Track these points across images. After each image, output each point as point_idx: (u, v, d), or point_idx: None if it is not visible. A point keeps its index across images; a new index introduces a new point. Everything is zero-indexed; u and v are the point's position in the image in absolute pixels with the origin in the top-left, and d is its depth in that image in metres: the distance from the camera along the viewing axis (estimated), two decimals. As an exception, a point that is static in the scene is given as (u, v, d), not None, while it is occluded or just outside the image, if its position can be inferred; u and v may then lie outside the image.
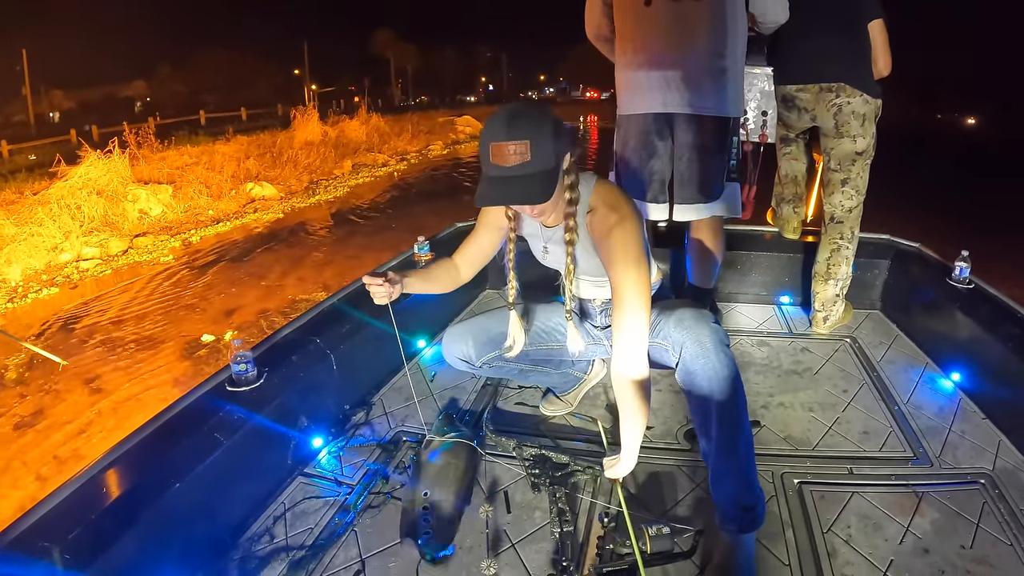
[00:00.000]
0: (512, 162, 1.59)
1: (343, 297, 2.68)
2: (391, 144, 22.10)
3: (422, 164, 20.85)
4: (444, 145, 25.06)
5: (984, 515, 1.77)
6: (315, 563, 1.72)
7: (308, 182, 15.91)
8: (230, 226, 12.06)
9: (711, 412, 1.63)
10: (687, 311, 1.71)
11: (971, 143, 19.09)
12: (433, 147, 24.15)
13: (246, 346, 2.09)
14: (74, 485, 1.62)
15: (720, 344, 1.64)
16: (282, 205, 13.71)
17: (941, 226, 8.31)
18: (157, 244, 10.60)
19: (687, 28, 2.47)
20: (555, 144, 1.61)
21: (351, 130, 21.69)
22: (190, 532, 1.72)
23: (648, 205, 2.71)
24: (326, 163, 17.68)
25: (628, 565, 1.59)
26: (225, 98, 34.30)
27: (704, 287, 2.88)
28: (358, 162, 18.95)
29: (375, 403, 2.49)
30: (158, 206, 12.03)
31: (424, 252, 3.14)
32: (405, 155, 21.63)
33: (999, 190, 14.89)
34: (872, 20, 2.72)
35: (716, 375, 1.61)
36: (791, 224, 3.35)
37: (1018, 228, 10.19)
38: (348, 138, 20.90)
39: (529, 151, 1.58)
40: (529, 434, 2.24)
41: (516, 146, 1.57)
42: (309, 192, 15.17)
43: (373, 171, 18.51)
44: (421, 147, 23.48)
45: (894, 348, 2.83)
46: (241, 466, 1.89)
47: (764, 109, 2.98)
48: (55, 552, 1.39)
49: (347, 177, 17.25)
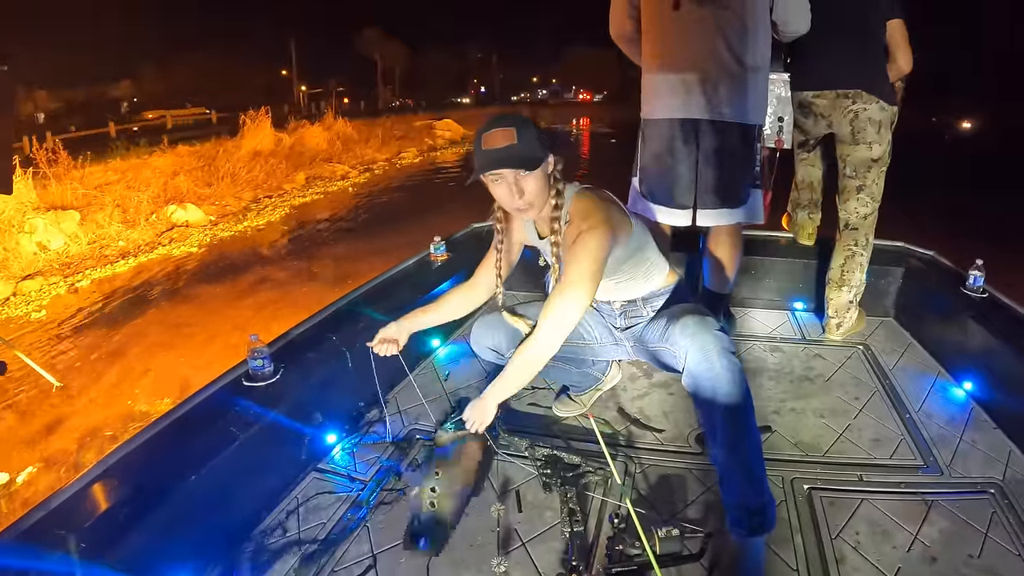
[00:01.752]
0: (500, 143, 1.75)
1: (360, 294, 2.71)
2: (357, 152, 20.11)
3: (388, 175, 18.50)
4: (419, 152, 22.73)
5: (993, 525, 1.77)
6: (327, 557, 1.74)
7: (250, 200, 13.79)
8: (132, 264, 9.67)
9: (717, 417, 1.66)
10: (691, 318, 1.76)
11: (969, 147, 18.55)
12: (406, 154, 21.86)
13: (263, 342, 2.12)
14: (91, 475, 1.65)
15: (724, 351, 1.67)
16: (203, 235, 11.27)
17: (959, 237, 7.41)
18: (45, 289, 8.41)
19: (715, 35, 2.46)
20: (540, 140, 1.79)
21: (311, 137, 19.56)
22: (205, 524, 1.75)
23: (671, 210, 2.71)
24: (274, 176, 15.45)
25: (637, 566, 1.61)
26: (210, 99, 33.32)
27: (720, 292, 2.88)
28: (313, 174, 16.75)
29: (389, 401, 2.51)
30: (59, 237, 9.88)
31: (440, 252, 3.16)
32: (371, 165, 19.55)
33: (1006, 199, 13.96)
34: (891, 19, 2.71)
35: (720, 381, 1.64)
36: (806, 230, 3.35)
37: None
38: (307, 146, 18.83)
39: (515, 136, 1.74)
40: (542, 434, 2.26)
41: (503, 131, 1.75)
42: (242, 215, 12.76)
43: (329, 185, 16.29)
44: (392, 155, 21.34)
45: (907, 356, 2.82)
46: (256, 460, 1.92)
47: (780, 115, 2.98)
48: (72, 541, 1.41)
49: (295, 194, 14.92)
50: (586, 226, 1.79)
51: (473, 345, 2.32)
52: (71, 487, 1.61)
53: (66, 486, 1.61)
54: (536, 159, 1.77)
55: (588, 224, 1.79)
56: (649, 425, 2.32)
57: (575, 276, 1.76)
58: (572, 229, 1.84)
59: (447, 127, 27.28)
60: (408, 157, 21.49)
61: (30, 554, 1.40)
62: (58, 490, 1.60)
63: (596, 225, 1.78)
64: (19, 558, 1.39)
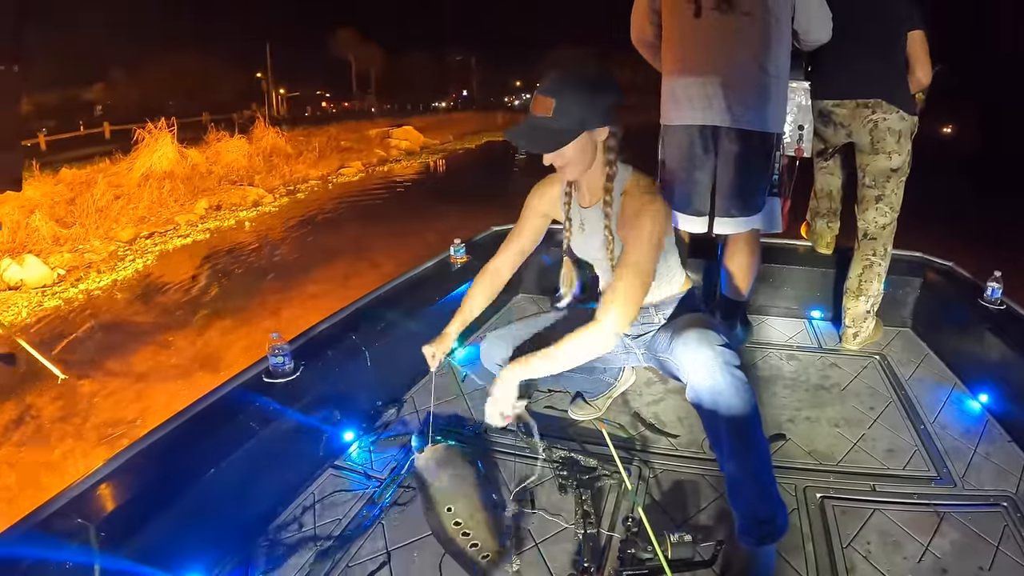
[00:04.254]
0: (538, 112, 1.75)
1: (380, 295, 2.74)
2: (286, 169, 16.49)
3: (314, 198, 14.72)
4: (364, 166, 19.01)
5: (1005, 538, 1.77)
6: (342, 553, 1.77)
7: (128, 240, 10.32)
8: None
9: (720, 429, 1.66)
10: (693, 332, 1.73)
11: (952, 153, 18.05)
12: (347, 170, 18.20)
13: (283, 339, 2.15)
14: (110, 467, 1.68)
15: (724, 364, 1.65)
16: (32, 302, 7.74)
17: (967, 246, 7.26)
18: None
19: (736, 42, 2.47)
20: (583, 111, 1.74)
21: (229, 152, 16.05)
22: (222, 517, 1.79)
23: (689, 217, 2.72)
24: (167, 206, 12.08)
25: (649, 570, 1.62)
26: (184, 103, 32.08)
27: (737, 299, 2.88)
28: (219, 201, 12.96)
29: (406, 400, 2.54)
30: None
31: (460, 255, 3.18)
32: (299, 185, 15.86)
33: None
34: (912, 30, 2.71)
35: (722, 396, 1.64)
36: (825, 239, 3.35)
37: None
38: (223, 163, 15.44)
39: (552, 109, 1.72)
40: (558, 437, 2.28)
41: (544, 100, 1.73)
42: (104, 265, 9.20)
43: (232, 214, 12.58)
44: (330, 170, 17.80)
45: (923, 367, 2.82)
46: (274, 456, 1.95)
47: (800, 123, 2.98)
48: (90, 531, 1.44)
49: (185, 230, 11.27)
50: (651, 202, 1.78)
51: (483, 359, 2.30)
52: (90, 478, 1.64)
53: (85, 477, 1.64)
54: (564, 138, 1.75)
55: (655, 202, 1.78)
56: (664, 430, 2.33)
57: (641, 254, 1.74)
58: (632, 202, 1.82)
59: (405, 135, 23.99)
60: (348, 173, 18.00)
61: (48, 544, 1.43)
62: (77, 481, 1.63)
63: (663, 206, 1.79)
64: (37, 547, 1.42)
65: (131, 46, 34.83)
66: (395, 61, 54.19)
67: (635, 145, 1.98)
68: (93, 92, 36.59)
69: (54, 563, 1.39)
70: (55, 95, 29.54)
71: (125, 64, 36.01)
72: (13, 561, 1.36)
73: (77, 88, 34.19)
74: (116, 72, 36.25)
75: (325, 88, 52.20)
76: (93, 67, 34.66)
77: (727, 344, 1.71)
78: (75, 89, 33.76)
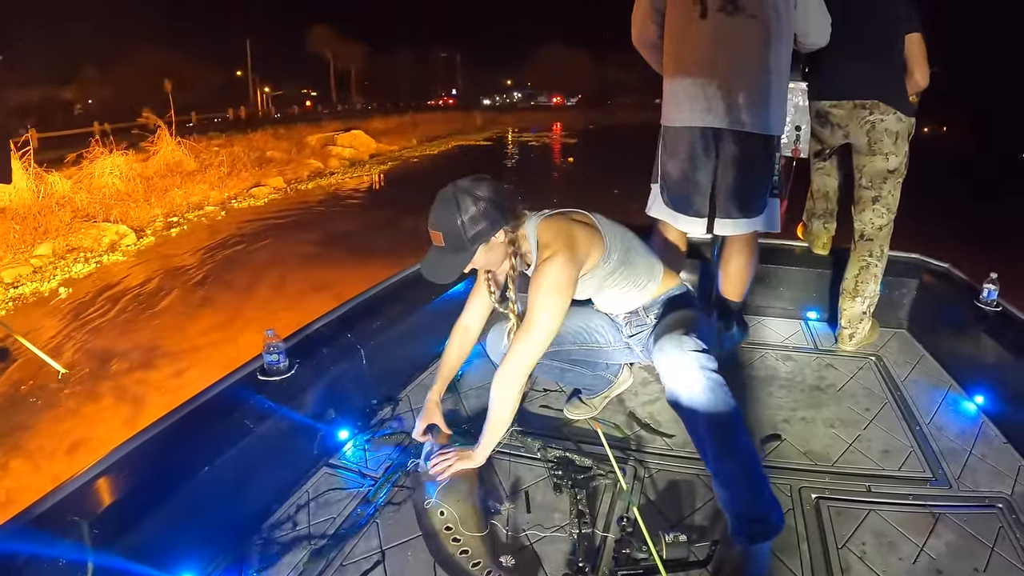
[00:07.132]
0: (435, 243, 1.86)
1: (376, 293, 2.73)
2: (179, 192, 12.87)
3: (188, 238, 10.73)
4: (285, 183, 15.60)
5: (1000, 540, 1.77)
6: (336, 552, 1.76)
7: None
8: None
9: (702, 433, 1.68)
10: (666, 338, 1.78)
11: (947, 154, 18.05)
12: (260, 189, 14.52)
13: (279, 336, 2.14)
14: (105, 464, 1.67)
15: (700, 369, 1.68)
16: None
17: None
18: None
19: (740, 44, 2.46)
20: (469, 232, 1.81)
21: (104, 173, 12.59)
22: (216, 515, 1.78)
23: (688, 218, 2.71)
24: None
25: (644, 570, 1.62)
26: (163, 101, 30.79)
27: (734, 300, 2.87)
28: (67, 246, 9.44)
29: (402, 399, 2.54)
30: None
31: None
32: (187, 214, 12.24)
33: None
34: (909, 33, 2.71)
35: (697, 400, 1.66)
36: (821, 240, 3.35)
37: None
38: (94, 187, 12.10)
39: (442, 240, 1.83)
40: (553, 436, 2.27)
41: (433, 233, 1.84)
42: None
43: (75, 264, 8.96)
44: (238, 191, 14.17)
45: (919, 368, 2.82)
46: (268, 454, 1.95)
47: (798, 124, 2.97)
48: (83, 528, 1.43)
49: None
50: (546, 255, 1.83)
51: (489, 350, 2.36)
52: (84, 475, 1.63)
53: (79, 474, 1.63)
54: (460, 262, 1.85)
55: (548, 253, 1.83)
56: (659, 430, 2.33)
57: (533, 312, 1.80)
58: (538, 259, 1.88)
59: (351, 141, 21.03)
60: (261, 194, 14.30)
61: (42, 541, 1.42)
62: (71, 477, 1.62)
63: (556, 252, 1.81)
64: (31, 543, 1.41)
65: (104, 43, 34.30)
66: (378, 59, 53.88)
67: (635, 145, 1.96)
68: (72, 91, 35.84)
69: (47, 560, 1.38)
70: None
71: (98, 63, 35.42)
72: (7, 558, 1.36)
73: (57, 87, 33.56)
74: (89, 70, 35.49)
75: (310, 87, 51.80)
76: (71, 66, 34.00)
77: (702, 348, 1.73)
78: (55, 87, 33.09)
